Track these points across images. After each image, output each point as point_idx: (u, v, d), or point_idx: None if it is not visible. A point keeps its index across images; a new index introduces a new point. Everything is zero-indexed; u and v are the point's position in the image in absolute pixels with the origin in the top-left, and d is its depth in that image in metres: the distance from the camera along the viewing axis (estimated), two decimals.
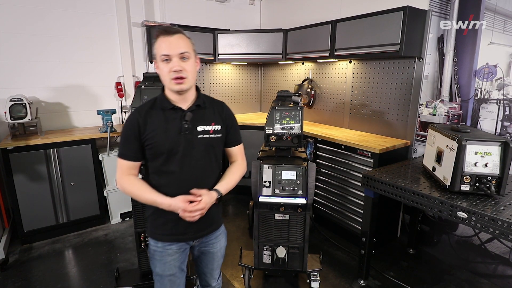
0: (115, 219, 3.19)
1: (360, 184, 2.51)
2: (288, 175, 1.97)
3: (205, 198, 1.21)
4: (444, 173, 1.78)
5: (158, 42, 1.17)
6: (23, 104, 2.64)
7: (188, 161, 1.24)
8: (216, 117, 1.31)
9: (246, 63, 4.19)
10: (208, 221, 1.33)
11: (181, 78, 1.17)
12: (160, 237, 1.30)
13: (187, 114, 1.23)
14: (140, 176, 1.34)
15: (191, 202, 1.19)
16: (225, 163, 1.44)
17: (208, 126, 1.27)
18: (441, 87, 2.51)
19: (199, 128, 1.25)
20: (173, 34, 1.16)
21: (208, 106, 1.31)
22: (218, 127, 1.30)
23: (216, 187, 1.29)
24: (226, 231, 1.49)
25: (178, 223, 1.25)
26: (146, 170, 1.30)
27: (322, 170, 2.94)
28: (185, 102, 1.26)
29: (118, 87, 3.39)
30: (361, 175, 2.19)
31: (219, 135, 1.30)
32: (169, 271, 1.31)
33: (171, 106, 1.24)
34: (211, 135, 1.27)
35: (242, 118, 3.89)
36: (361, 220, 2.49)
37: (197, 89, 1.32)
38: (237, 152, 1.42)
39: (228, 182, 1.33)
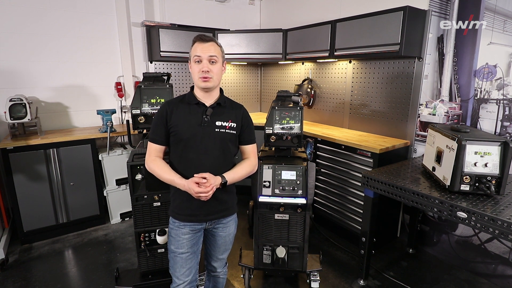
0: (115, 219, 3.19)
1: (360, 184, 2.51)
2: (288, 175, 1.97)
3: (211, 180, 1.36)
4: (444, 173, 1.78)
5: (194, 46, 1.41)
6: (23, 104, 2.64)
7: (204, 149, 1.42)
8: (233, 116, 1.49)
9: (246, 63, 4.19)
10: (220, 206, 1.49)
11: (207, 77, 1.38)
12: (176, 216, 1.49)
13: (208, 110, 1.43)
14: None
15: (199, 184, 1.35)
16: None
17: (225, 122, 1.45)
18: (441, 87, 2.51)
19: (217, 123, 1.44)
20: (207, 42, 1.39)
21: (228, 106, 1.51)
22: (233, 125, 1.47)
23: (223, 174, 1.44)
24: (237, 220, 1.64)
25: (191, 205, 1.44)
26: (171, 155, 1.49)
27: (322, 170, 2.94)
28: (209, 100, 1.47)
29: (118, 87, 3.39)
30: (361, 175, 2.19)
31: (234, 132, 1.47)
32: (181, 249, 1.48)
33: (196, 102, 1.45)
34: (227, 130, 1.45)
35: None
36: (361, 220, 2.49)
37: (221, 91, 1.52)
38: (250, 150, 1.58)
39: (235, 173, 1.48)
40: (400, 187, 1.85)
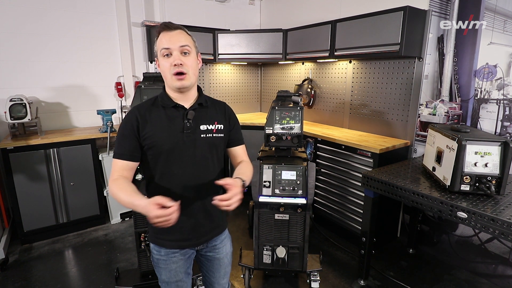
0: (115, 219, 3.19)
1: (360, 184, 2.51)
2: (288, 175, 1.97)
3: (234, 190, 1.07)
4: (444, 173, 1.78)
5: (159, 37, 1.15)
6: (23, 104, 2.64)
7: (190, 161, 1.19)
8: (219, 116, 1.28)
9: (246, 63, 4.19)
10: (212, 223, 1.29)
11: (182, 73, 1.14)
12: (162, 243, 1.24)
13: (189, 113, 1.19)
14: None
15: (163, 207, 0.97)
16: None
17: (211, 125, 1.23)
18: (441, 87, 2.51)
19: (202, 127, 1.21)
20: (174, 30, 1.14)
21: (210, 106, 1.28)
22: (221, 127, 1.26)
23: (238, 176, 1.18)
24: (230, 236, 1.44)
25: (181, 228, 1.19)
26: (146, 173, 1.23)
27: (322, 170, 2.94)
28: (186, 101, 1.22)
29: (118, 87, 3.39)
30: (361, 175, 2.19)
31: (222, 135, 1.27)
32: (175, 278, 1.27)
33: (173, 104, 1.19)
34: (214, 135, 1.24)
35: (242, 118, 3.88)
36: (361, 220, 2.49)
37: (199, 89, 1.28)
38: (242, 152, 1.38)
39: (246, 174, 1.25)
40: (400, 187, 1.85)
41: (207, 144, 1.22)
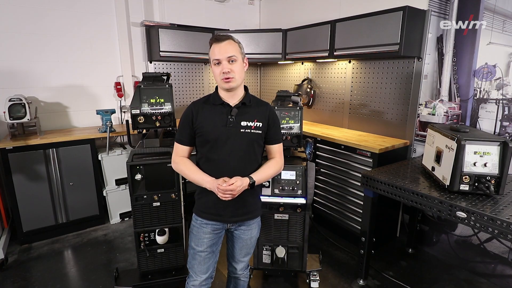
0: (115, 219, 3.19)
1: (359, 184, 2.50)
2: (288, 175, 1.97)
3: (238, 183, 1.35)
4: (444, 173, 1.78)
5: (211, 48, 1.39)
6: (22, 104, 2.63)
7: (230, 150, 1.41)
8: (259, 115, 1.46)
9: None
10: (244, 209, 1.49)
11: (229, 78, 1.37)
12: (200, 214, 1.50)
13: (233, 110, 1.42)
14: None
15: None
16: None
17: (250, 122, 1.43)
18: (440, 87, 2.51)
19: (243, 123, 1.42)
20: (223, 41, 1.37)
21: (254, 105, 1.49)
22: (259, 124, 1.45)
23: (251, 175, 1.43)
24: (260, 224, 1.64)
25: (216, 205, 1.45)
26: (197, 155, 1.50)
27: (321, 170, 2.94)
28: (233, 99, 1.45)
29: (118, 87, 3.38)
30: (360, 175, 2.19)
31: (260, 132, 1.45)
32: (201, 247, 1.50)
33: (221, 102, 1.44)
34: (252, 131, 1.43)
35: None
36: (360, 220, 2.49)
37: (246, 89, 1.50)
38: (276, 150, 1.56)
39: (262, 173, 1.47)
40: (400, 187, 1.85)
41: (245, 138, 1.43)
